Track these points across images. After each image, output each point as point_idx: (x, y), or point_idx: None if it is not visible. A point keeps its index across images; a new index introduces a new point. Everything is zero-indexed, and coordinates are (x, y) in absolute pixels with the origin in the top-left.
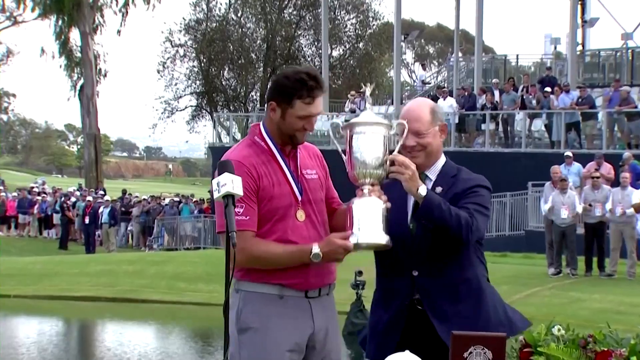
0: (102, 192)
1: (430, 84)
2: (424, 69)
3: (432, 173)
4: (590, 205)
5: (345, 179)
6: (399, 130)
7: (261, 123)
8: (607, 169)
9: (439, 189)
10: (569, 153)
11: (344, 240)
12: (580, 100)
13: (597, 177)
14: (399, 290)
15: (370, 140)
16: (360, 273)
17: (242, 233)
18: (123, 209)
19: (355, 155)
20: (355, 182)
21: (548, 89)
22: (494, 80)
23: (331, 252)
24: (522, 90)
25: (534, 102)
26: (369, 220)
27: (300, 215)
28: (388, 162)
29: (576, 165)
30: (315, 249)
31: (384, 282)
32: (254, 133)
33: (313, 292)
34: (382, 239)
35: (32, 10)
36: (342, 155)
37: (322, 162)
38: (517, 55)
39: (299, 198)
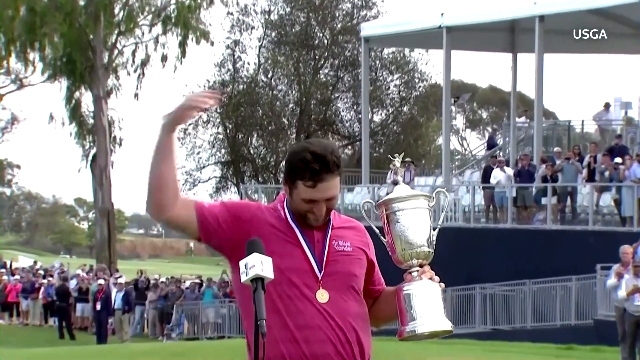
0: (117, 274)
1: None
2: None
3: None
4: None
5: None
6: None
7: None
8: None
9: None
10: None
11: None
12: None
13: None
14: None
15: (412, 217)
16: None
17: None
18: (138, 292)
19: (398, 235)
20: (401, 264)
21: (619, 159)
22: (555, 149)
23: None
24: (589, 160)
25: (604, 173)
26: (427, 305)
27: (322, 295)
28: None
29: None
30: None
31: None
32: (279, 201)
33: None
34: (447, 324)
35: (42, 72)
36: (381, 237)
37: (365, 240)
38: (583, 121)
39: (319, 276)
